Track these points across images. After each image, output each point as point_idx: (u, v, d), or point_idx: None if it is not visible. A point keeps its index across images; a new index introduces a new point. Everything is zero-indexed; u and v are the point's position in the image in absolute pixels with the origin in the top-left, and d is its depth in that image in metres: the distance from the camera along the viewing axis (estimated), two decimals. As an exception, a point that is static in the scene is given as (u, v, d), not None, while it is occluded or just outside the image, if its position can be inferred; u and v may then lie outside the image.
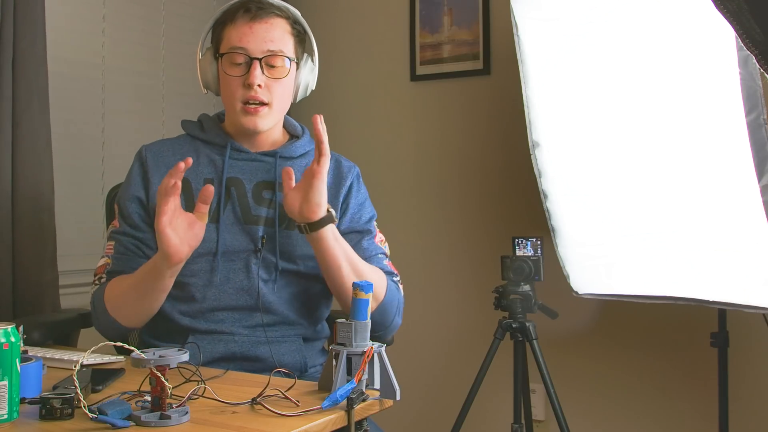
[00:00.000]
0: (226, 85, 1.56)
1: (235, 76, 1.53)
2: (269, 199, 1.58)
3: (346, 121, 3.00)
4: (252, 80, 1.51)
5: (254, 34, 1.52)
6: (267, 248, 1.56)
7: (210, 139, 1.61)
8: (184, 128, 1.67)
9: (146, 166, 1.60)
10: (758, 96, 1.70)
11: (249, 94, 1.53)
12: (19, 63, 2.07)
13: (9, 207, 2.06)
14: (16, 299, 2.07)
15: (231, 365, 1.45)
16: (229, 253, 1.54)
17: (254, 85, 1.52)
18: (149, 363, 1.04)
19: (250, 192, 1.58)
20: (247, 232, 1.56)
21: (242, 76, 1.53)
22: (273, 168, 1.59)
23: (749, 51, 0.78)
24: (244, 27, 1.53)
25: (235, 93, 1.54)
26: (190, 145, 1.63)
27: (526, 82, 2.21)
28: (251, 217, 1.56)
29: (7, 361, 1.03)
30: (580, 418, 2.47)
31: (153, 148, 1.64)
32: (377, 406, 1.17)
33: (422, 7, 2.84)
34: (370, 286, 1.19)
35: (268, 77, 1.54)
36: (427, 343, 2.79)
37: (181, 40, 2.79)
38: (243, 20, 1.54)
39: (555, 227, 2.22)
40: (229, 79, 1.54)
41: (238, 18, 1.54)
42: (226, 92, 1.57)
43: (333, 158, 1.65)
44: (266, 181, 1.59)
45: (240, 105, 1.54)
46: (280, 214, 1.57)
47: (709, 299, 1.91)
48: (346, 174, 1.66)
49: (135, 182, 1.60)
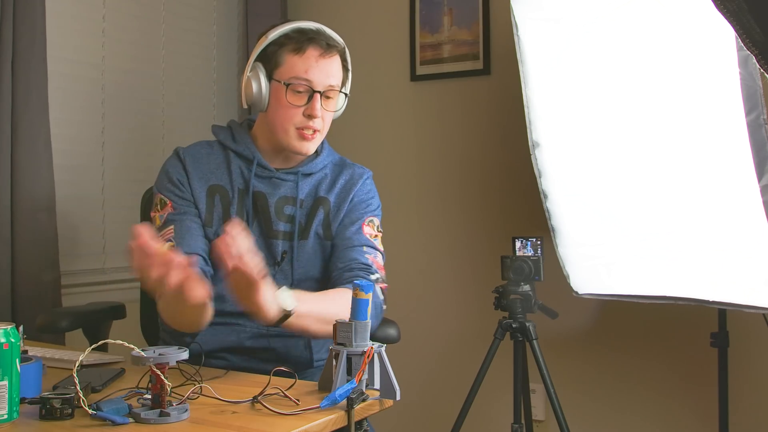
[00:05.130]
0: (283, 110, 1.61)
1: (296, 105, 1.59)
2: (289, 215, 1.65)
3: (346, 121, 2.99)
4: (314, 113, 1.59)
5: (320, 68, 1.59)
6: (284, 259, 1.64)
7: (240, 151, 1.66)
8: (215, 134, 1.72)
9: (186, 164, 1.64)
10: (758, 96, 1.70)
11: (308, 123, 1.60)
12: (18, 63, 2.07)
13: (9, 207, 2.06)
14: (16, 299, 2.07)
15: (239, 356, 1.53)
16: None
17: (316, 117, 1.59)
18: (149, 361, 1.04)
19: (273, 207, 1.64)
20: (268, 246, 1.63)
21: (303, 106, 1.59)
22: (295, 185, 1.66)
23: (749, 51, 0.78)
24: (312, 60, 1.59)
25: (293, 119, 1.60)
26: (222, 153, 1.68)
27: (526, 82, 2.21)
28: (272, 231, 1.64)
29: (7, 361, 1.03)
30: (580, 418, 2.47)
31: (190, 151, 1.68)
32: (377, 406, 1.17)
33: (422, 7, 2.84)
34: (370, 286, 1.20)
35: (324, 109, 1.62)
36: (427, 343, 2.79)
37: (181, 40, 2.79)
38: (312, 53, 1.59)
39: (555, 227, 2.22)
40: (288, 106, 1.60)
41: (307, 49, 1.59)
42: (280, 115, 1.61)
43: (344, 165, 1.75)
44: (287, 196, 1.66)
45: (294, 130, 1.61)
46: (297, 229, 1.64)
47: (709, 299, 1.91)
48: (356, 179, 1.73)
49: (177, 174, 1.64)
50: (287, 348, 1.60)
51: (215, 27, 2.94)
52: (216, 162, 1.66)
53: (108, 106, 2.52)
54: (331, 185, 1.70)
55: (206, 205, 1.61)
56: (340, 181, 1.71)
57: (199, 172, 1.63)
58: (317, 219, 1.66)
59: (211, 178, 1.64)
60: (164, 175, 1.65)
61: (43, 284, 2.12)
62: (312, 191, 1.68)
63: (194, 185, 1.62)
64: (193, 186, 1.62)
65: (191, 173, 1.63)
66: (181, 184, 1.62)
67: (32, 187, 2.11)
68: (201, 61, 2.88)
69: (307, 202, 1.67)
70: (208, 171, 1.64)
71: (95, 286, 2.41)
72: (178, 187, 1.62)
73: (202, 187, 1.62)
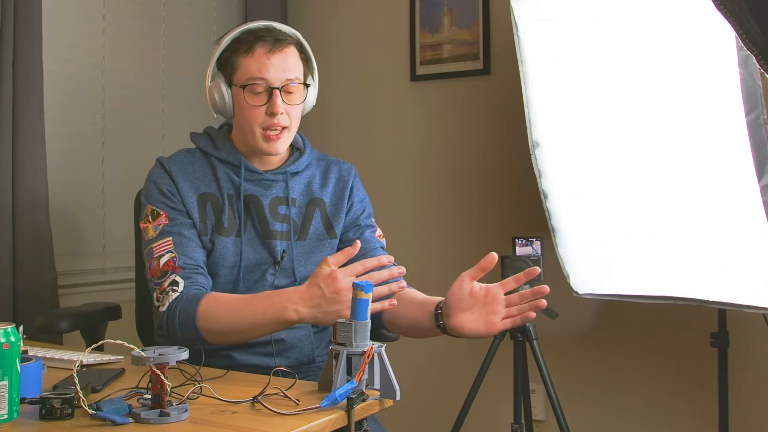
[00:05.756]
0: (245, 113, 1.61)
1: (256, 106, 1.59)
2: (283, 215, 1.66)
3: (346, 121, 3.00)
4: (275, 110, 1.58)
5: (273, 64, 1.58)
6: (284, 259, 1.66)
7: (224, 158, 1.66)
8: (195, 142, 1.71)
9: (173, 176, 1.62)
10: (758, 96, 1.70)
11: (271, 121, 1.59)
12: (18, 63, 2.07)
13: (9, 207, 2.06)
14: (16, 299, 2.08)
15: (242, 353, 1.56)
16: (250, 266, 1.63)
17: (277, 114, 1.59)
18: (149, 361, 1.04)
19: (267, 208, 1.65)
20: (267, 247, 1.64)
21: (263, 105, 1.59)
22: (285, 184, 1.67)
23: (749, 51, 0.78)
24: (263, 58, 1.58)
25: (256, 120, 1.60)
26: (206, 161, 1.67)
27: (526, 82, 2.21)
28: (270, 232, 1.65)
29: (7, 361, 1.03)
30: (580, 418, 2.47)
31: (176, 160, 1.66)
32: (377, 406, 1.17)
33: (422, 7, 2.84)
34: (369, 286, 1.19)
35: (286, 104, 1.60)
36: (427, 343, 2.77)
37: (181, 40, 2.79)
38: (261, 51, 1.59)
39: (555, 227, 2.22)
40: (250, 107, 1.59)
41: (255, 49, 1.59)
42: (244, 119, 1.62)
43: (329, 162, 1.76)
44: (279, 196, 1.67)
45: (260, 131, 1.61)
46: (293, 228, 1.66)
47: (709, 299, 1.91)
48: (346, 176, 1.75)
49: (167, 185, 1.62)
50: (292, 339, 1.63)
51: (215, 27, 2.94)
52: (201, 170, 1.65)
53: (108, 106, 2.52)
54: (323, 184, 1.72)
55: (199, 214, 1.60)
56: (330, 179, 1.73)
57: (188, 182, 1.62)
58: (315, 219, 1.68)
59: (200, 187, 1.63)
60: (153, 186, 1.63)
61: (41, 285, 2.12)
62: (304, 191, 1.70)
63: (184, 195, 1.61)
64: (183, 196, 1.61)
65: (180, 184, 1.62)
66: (171, 195, 1.61)
67: (33, 188, 2.11)
68: (201, 61, 2.88)
69: (300, 202, 1.68)
70: (195, 179, 1.63)
71: (95, 286, 2.41)
72: (170, 198, 1.61)
73: (192, 197, 1.61)
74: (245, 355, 1.60)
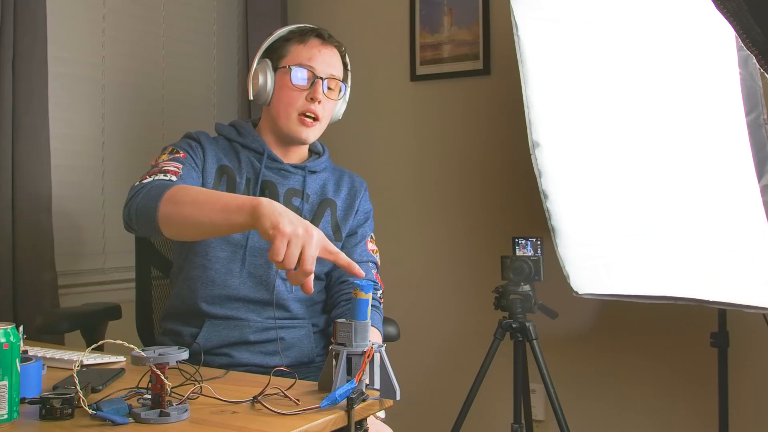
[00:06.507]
0: (286, 95, 1.68)
1: (299, 88, 1.67)
2: (296, 207, 1.69)
3: (346, 121, 2.99)
4: (316, 95, 1.66)
5: (322, 56, 1.69)
6: None
7: (247, 144, 1.71)
8: (219, 131, 1.76)
9: (201, 141, 1.68)
10: (758, 96, 1.70)
11: (310, 107, 1.67)
12: (19, 63, 2.07)
13: (9, 207, 2.06)
14: (16, 299, 2.08)
15: (242, 351, 1.58)
16: (256, 249, 1.64)
17: (317, 100, 1.66)
18: (149, 361, 1.04)
19: (282, 197, 1.68)
20: None
21: (306, 90, 1.67)
22: (303, 179, 1.71)
23: (749, 51, 0.78)
24: (314, 49, 1.69)
25: (295, 103, 1.67)
26: (229, 146, 1.72)
27: (526, 82, 2.21)
28: None
29: (7, 361, 1.03)
30: (580, 418, 2.47)
31: (202, 135, 1.71)
32: (377, 406, 1.17)
33: (422, 7, 2.84)
34: (370, 286, 1.20)
35: (326, 96, 1.69)
36: (427, 343, 2.79)
37: (181, 40, 2.79)
38: (314, 42, 1.70)
39: (555, 227, 2.22)
40: (292, 90, 1.67)
41: (309, 39, 1.70)
42: (283, 101, 1.68)
43: (343, 172, 1.82)
44: (296, 189, 1.70)
45: (296, 115, 1.67)
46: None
47: (709, 299, 1.91)
48: (358, 187, 1.81)
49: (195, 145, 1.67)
50: (292, 339, 1.64)
51: (215, 27, 2.94)
52: (224, 149, 1.71)
53: (108, 106, 2.52)
54: (337, 189, 1.76)
55: (213, 182, 1.64)
56: (344, 186, 1.77)
57: (212, 151, 1.68)
58: (324, 219, 1.71)
59: (222, 159, 1.68)
60: (182, 140, 1.70)
61: (41, 284, 2.12)
62: (319, 190, 1.73)
63: (207, 159, 1.66)
64: (206, 159, 1.66)
65: (206, 148, 1.67)
66: (196, 150, 1.66)
67: (33, 188, 2.11)
68: (201, 61, 2.88)
69: (314, 200, 1.72)
70: (220, 153, 1.69)
71: (95, 286, 2.41)
72: (195, 151, 1.66)
73: (213, 164, 1.66)
74: (245, 353, 1.61)
